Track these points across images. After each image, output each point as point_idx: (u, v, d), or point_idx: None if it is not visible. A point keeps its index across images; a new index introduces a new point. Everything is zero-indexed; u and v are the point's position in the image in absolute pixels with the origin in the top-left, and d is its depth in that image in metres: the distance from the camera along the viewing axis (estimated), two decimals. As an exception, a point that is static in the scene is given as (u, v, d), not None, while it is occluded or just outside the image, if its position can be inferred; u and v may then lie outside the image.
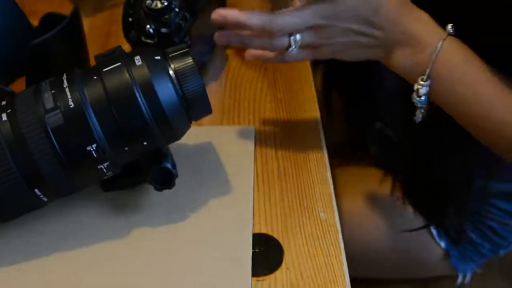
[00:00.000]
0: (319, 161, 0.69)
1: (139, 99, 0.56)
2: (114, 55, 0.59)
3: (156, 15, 0.72)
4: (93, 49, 0.82)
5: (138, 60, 0.58)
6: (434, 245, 0.97)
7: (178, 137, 0.61)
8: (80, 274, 0.60)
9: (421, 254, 0.98)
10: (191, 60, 0.59)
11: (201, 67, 0.81)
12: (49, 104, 0.56)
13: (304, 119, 0.74)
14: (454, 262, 0.98)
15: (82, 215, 0.65)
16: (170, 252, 0.61)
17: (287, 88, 0.78)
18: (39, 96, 0.57)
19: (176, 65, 0.59)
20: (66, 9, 0.89)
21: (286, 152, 0.71)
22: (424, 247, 0.97)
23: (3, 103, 0.58)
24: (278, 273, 0.59)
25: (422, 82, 0.63)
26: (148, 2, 0.72)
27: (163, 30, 0.72)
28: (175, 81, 0.58)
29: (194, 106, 0.59)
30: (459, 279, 1.04)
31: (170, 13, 0.72)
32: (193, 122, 0.62)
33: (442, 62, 0.62)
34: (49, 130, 0.55)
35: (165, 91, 0.57)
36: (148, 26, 0.72)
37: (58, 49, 0.68)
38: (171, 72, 0.58)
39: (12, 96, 0.59)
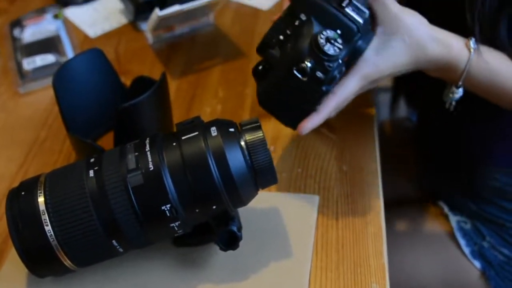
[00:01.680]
0: (376, 234, 0.73)
1: (211, 166, 0.62)
2: (193, 124, 0.65)
3: (321, 57, 0.66)
4: (178, 110, 0.89)
5: (214, 131, 0.64)
6: (470, 266, 1.00)
7: (245, 203, 0.66)
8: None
9: (460, 276, 1.00)
10: (261, 134, 0.64)
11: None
12: (132, 165, 0.62)
13: (366, 192, 0.78)
14: (493, 284, 0.99)
15: (154, 267, 0.70)
16: (230, 308, 0.66)
17: (353, 162, 0.82)
18: (124, 156, 0.64)
19: (248, 138, 0.64)
20: (156, 70, 0.98)
21: (346, 223, 0.75)
22: (462, 270, 1.00)
23: (92, 160, 0.65)
24: (327, 338, 0.63)
25: (455, 89, 0.76)
26: (321, 41, 0.66)
27: (319, 74, 0.67)
28: (246, 152, 0.63)
29: (261, 176, 0.65)
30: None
31: (334, 62, 0.66)
32: (264, 189, 0.67)
33: (471, 75, 0.74)
34: (130, 188, 0.61)
35: (236, 161, 0.63)
36: (307, 62, 0.66)
37: (145, 112, 0.75)
38: (242, 143, 0.64)
39: (100, 154, 0.66)
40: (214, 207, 0.63)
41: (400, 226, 1.05)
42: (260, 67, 0.72)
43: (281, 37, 0.70)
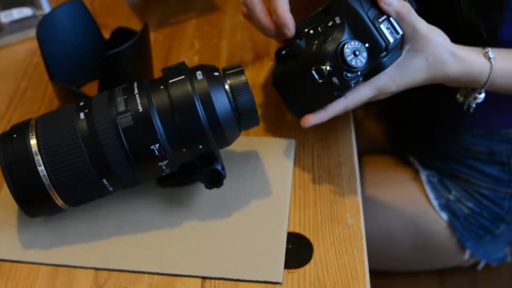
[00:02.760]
0: (350, 175, 0.77)
1: (198, 108, 0.65)
2: (179, 69, 0.69)
3: (342, 66, 0.67)
4: (156, 62, 0.92)
5: (199, 75, 0.67)
6: (438, 217, 1.06)
7: (229, 143, 0.70)
8: (136, 255, 0.69)
9: (428, 227, 1.06)
10: (244, 78, 0.68)
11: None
12: (121, 107, 0.66)
13: (340, 137, 0.82)
14: (459, 234, 1.06)
15: (141, 206, 0.74)
16: (213, 243, 0.70)
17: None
18: (113, 100, 0.66)
19: (231, 81, 0.68)
20: (132, 23, 1.00)
21: (322, 164, 0.79)
22: (430, 221, 1.06)
23: (81, 103, 0.68)
24: (307, 267, 0.68)
25: (477, 95, 0.79)
26: (347, 51, 0.66)
27: (335, 80, 0.68)
28: (230, 94, 0.67)
29: (245, 117, 0.69)
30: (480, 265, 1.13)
31: (353, 73, 0.67)
32: (242, 132, 0.71)
33: (493, 83, 0.77)
34: (120, 129, 0.65)
35: (221, 103, 0.66)
36: (327, 66, 0.67)
37: (128, 60, 0.78)
38: (226, 86, 0.68)
39: (89, 98, 0.69)
40: (200, 146, 0.67)
41: (371, 176, 1.09)
42: (284, 52, 0.73)
43: (311, 31, 0.71)
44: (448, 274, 1.14)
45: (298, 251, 0.69)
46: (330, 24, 0.69)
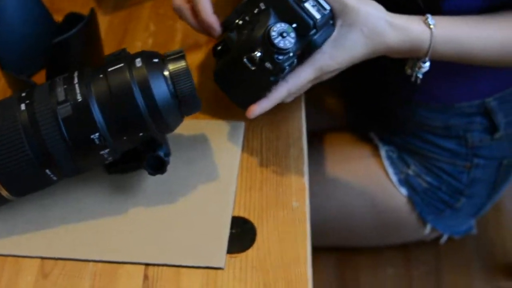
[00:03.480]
0: (298, 156, 0.78)
1: (136, 95, 0.65)
2: (119, 56, 0.69)
3: (272, 50, 0.67)
4: (110, 45, 0.92)
5: (138, 62, 0.67)
6: (397, 192, 1.07)
7: (171, 130, 0.70)
8: (82, 242, 0.70)
9: (388, 203, 1.08)
10: (184, 64, 0.68)
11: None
12: (61, 97, 0.66)
13: (289, 118, 0.82)
14: (419, 209, 1.07)
15: (88, 193, 0.75)
16: (158, 229, 0.71)
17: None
18: (54, 90, 0.67)
19: (171, 68, 0.68)
20: (88, 7, 0.98)
21: (270, 146, 0.79)
22: (389, 196, 1.07)
23: (23, 94, 0.68)
24: (249, 252, 0.69)
25: (422, 64, 0.78)
26: (273, 34, 0.67)
27: (267, 65, 0.68)
28: (169, 81, 0.67)
29: (185, 104, 0.69)
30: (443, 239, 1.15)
31: (284, 55, 0.68)
32: (189, 116, 0.71)
33: (436, 50, 0.76)
34: (60, 119, 0.65)
35: (160, 90, 0.66)
36: (258, 52, 0.68)
37: (75, 47, 0.77)
38: (166, 73, 0.67)
39: (31, 89, 0.69)
40: (141, 134, 0.67)
41: (331, 153, 1.10)
42: (219, 47, 0.74)
43: (241, 22, 0.71)
44: (412, 247, 1.15)
45: (241, 235, 0.70)
46: (256, 11, 0.70)
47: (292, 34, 0.67)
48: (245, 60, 0.69)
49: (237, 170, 0.76)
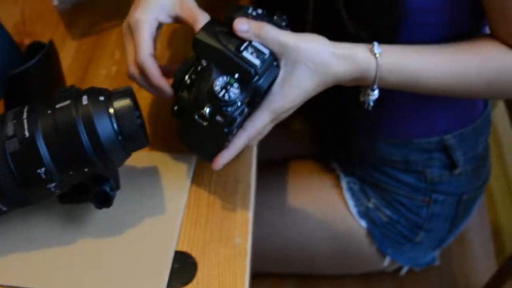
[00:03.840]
0: (245, 191, 0.80)
1: (81, 133, 0.67)
2: (68, 92, 0.71)
3: (219, 104, 0.70)
4: (75, 73, 0.94)
5: (85, 99, 0.69)
6: (357, 225, 1.08)
7: (117, 165, 0.72)
8: (27, 272, 0.72)
9: (347, 234, 1.09)
10: (128, 101, 0.70)
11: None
12: (10, 132, 0.68)
13: (241, 153, 0.83)
14: (378, 242, 1.08)
15: (40, 223, 0.77)
16: (104, 260, 0.73)
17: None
18: (4, 124, 0.69)
19: (116, 105, 0.70)
20: (58, 32, 1.02)
21: (219, 181, 0.81)
22: (349, 228, 1.08)
23: (-25, 127, 0.70)
24: (189, 286, 0.71)
25: (370, 92, 0.79)
26: (217, 88, 0.69)
27: (218, 118, 0.70)
28: (113, 119, 0.69)
29: (130, 141, 0.71)
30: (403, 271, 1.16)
31: (232, 106, 0.70)
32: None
33: (383, 78, 0.77)
34: (7, 154, 0.67)
35: (104, 128, 0.68)
36: (206, 108, 0.70)
37: (32, 79, 0.80)
38: (111, 111, 0.69)
39: (-16, 121, 0.71)
40: (86, 169, 0.69)
41: (294, 181, 1.11)
42: (175, 107, 0.75)
43: (188, 80, 0.73)
44: (373, 278, 1.16)
45: (183, 270, 0.72)
46: (199, 69, 0.72)
47: (235, 85, 0.70)
48: (196, 117, 0.71)
49: (184, 204, 0.78)
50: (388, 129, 0.99)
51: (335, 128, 1.05)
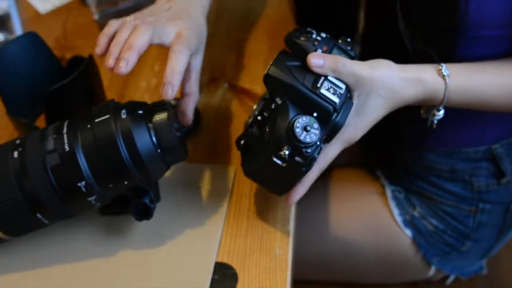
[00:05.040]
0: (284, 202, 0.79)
1: (120, 147, 0.68)
2: (106, 107, 0.72)
3: (299, 145, 0.66)
4: (116, 86, 0.95)
5: (124, 113, 0.70)
6: (402, 233, 1.06)
7: (156, 178, 0.73)
8: (72, 283, 0.73)
9: (392, 243, 1.07)
10: (167, 115, 0.70)
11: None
12: (50, 146, 0.69)
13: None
14: (423, 251, 1.06)
15: (81, 234, 0.78)
16: (144, 271, 0.73)
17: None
18: (44, 138, 0.70)
19: (155, 119, 0.70)
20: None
21: (260, 191, 0.81)
22: (394, 237, 1.07)
23: (17, 141, 0.71)
24: (229, 298, 0.70)
25: (436, 112, 0.79)
26: (297, 130, 0.66)
27: (298, 159, 0.67)
28: (152, 132, 0.70)
29: (169, 154, 0.71)
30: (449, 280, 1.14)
31: (312, 147, 0.67)
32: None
33: (450, 99, 0.77)
34: (48, 168, 0.68)
35: (143, 141, 0.69)
36: (285, 150, 0.67)
37: (71, 94, 0.81)
38: (150, 124, 0.70)
39: (25, 136, 0.72)
40: (126, 182, 0.70)
41: (338, 189, 1.10)
42: (242, 142, 0.73)
43: (259, 117, 0.70)
44: (419, 287, 1.14)
45: (223, 281, 0.72)
46: (273, 107, 0.69)
47: (316, 125, 0.67)
48: (274, 159, 0.68)
49: (224, 216, 0.78)
50: (437, 139, 0.97)
51: (381, 139, 1.04)
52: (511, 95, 0.79)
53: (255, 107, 0.74)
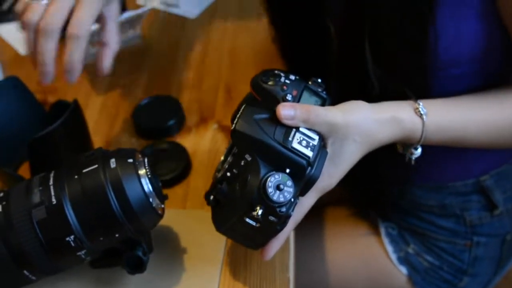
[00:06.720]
0: (284, 249, 0.76)
1: (110, 198, 0.64)
2: (94, 156, 0.68)
3: (272, 206, 0.62)
4: (103, 127, 0.92)
5: (113, 163, 0.66)
6: (397, 271, 1.03)
7: (148, 229, 0.69)
8: None
9: (387, 281, 1.04)
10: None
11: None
12: (36, 199, 0.65)
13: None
14: None
15: (71, 288, 0.73)
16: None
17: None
18: (30, 190, 0.66)
19: (147, 167, 0.67)
20: (83, 87, 1.01)
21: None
22: (389, 275, 1.04)
23: (1, 194, 0.68)
24: None
25: (414, 150, 0.76)
26: (270, 190, 0.61)
27: (271, 218, 0.63)
28: (144, 181, 0.66)
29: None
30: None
31: (287, 206, 0.62)
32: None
33: (428, 138, 0.74)
34: (35, 222, 0.64)
35: (134, 191, 0.65)
36: (259, 210, 0.62)
37: (56, 141, 0.77)
38: (141, 172, 0.67)
39: (9, 189, 0.68)
40: (117, 235, 0.66)
41: (331, 227, 1.08)
42: (211, 197, 0.68)
43: (228, 173, 0.66)
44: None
45: (222, 336, 0.68)
46: (242, 163, 0.65)
47: (289, 183, 0.62)
48: (247, 220, 0.64)
49: (221, 264, 0.75)
50: (421, 174, 0.95)
51: (365, 178, 1.01)
52: (490, 131, 0.77)
53: (222, 158, 0.70)
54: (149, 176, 0.67)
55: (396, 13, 0.74)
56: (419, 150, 0.76)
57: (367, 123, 0.70)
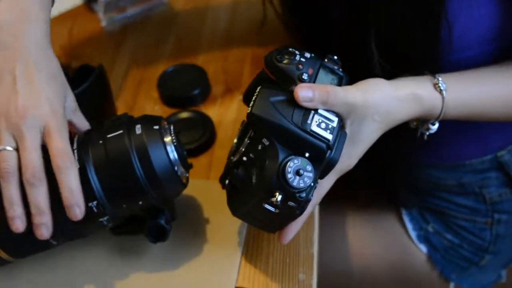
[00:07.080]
0: (308, 223, 0.74)
1: (135, 164, 0.63)
2: (120, 121, 0.67)
3: (292, 191, 0.60)
4: (126, 95, 0.92)
5: (138, 128, 0.65)
6: (416, 249, 1.02)
7: (172, 198, 0.68)
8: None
9: (407, 259, 1.03)
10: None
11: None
12: None
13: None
14: (440, 267, 1.02)
15: (91, 255, 0.73)
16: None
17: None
18: None
19: (172, 134, 0.66)
20: (107, 54, 0.99)
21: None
22: (409, 253, 1.03)
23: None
24: (249, 324, 0.65)
25: (431, 126, 0.74)
26: (289, 175, 0.59)
27: (291, 203, 0.61)
28: (169, 148, 0.65)
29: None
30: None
31: (306, 191, 0.60)
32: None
33: (447, 113, 0.72)
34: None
35: (159, 158, 0.64)
36: (278, 196, 0.60)
37: (81, 106, 0.76)
38: (166, 140, 0.65)
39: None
40: (140, 202, 0.65)
41: (349, 209, 1.06)
42: (227, 182, 0.67)
43: (244, 158, 0.63)
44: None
45: (243, 308, 0.67)
46: (260, 147, 0.62)
47: (309, 167, 0.60)
48: (265, 206, 0.62)
49: (244, 238, 0.74)
50: (438, 154, 0.94)
51: (383, 159, 0.99)
52: (509, 104, 0.75)
53: (235, 140, 0.67)
54: (175, 143, 0.65)
55: (406, 11, 0.72)
56: (436, 125, 0.74)
57: (387, 102, 0.68)
